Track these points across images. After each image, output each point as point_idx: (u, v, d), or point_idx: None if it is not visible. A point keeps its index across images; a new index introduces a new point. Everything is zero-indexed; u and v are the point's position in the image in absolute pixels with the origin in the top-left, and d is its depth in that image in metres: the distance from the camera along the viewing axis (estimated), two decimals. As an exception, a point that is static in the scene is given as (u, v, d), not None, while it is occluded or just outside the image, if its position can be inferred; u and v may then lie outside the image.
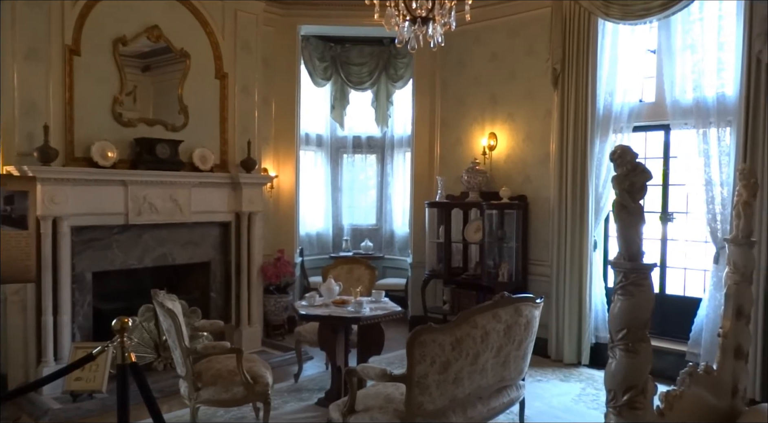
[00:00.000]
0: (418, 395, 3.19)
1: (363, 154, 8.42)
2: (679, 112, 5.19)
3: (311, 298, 4.69)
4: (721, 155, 4.99)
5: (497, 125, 6.52)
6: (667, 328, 5.46)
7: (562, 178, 5.79)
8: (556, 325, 5.83)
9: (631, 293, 1.94)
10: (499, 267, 6.14)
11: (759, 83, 4.71)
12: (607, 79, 5.62)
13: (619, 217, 1.97)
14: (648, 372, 1.98)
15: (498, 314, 3.51)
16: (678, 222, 5.59)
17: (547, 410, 4.57)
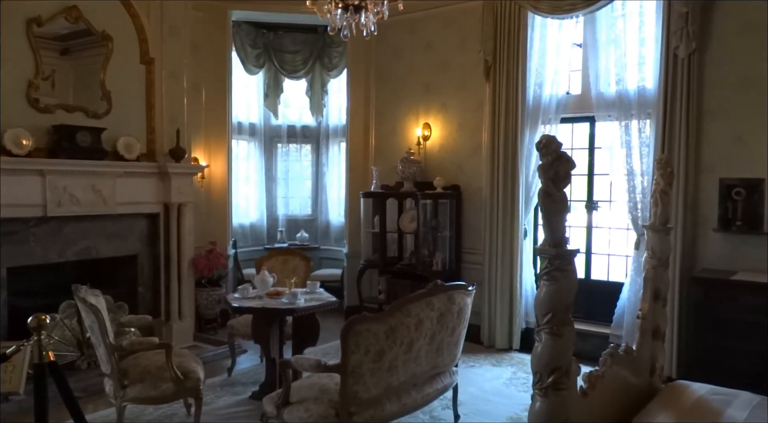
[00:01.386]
0: (353, 385, 3.18)
1: (298, 144, 8.30)
2: (603, 104, 5.40)
3: (244, 290, 4.59)
4: (642, 146, 5.23)
5: (431, 115, 6.59)
6: (593, 312, 5.70)
7: (493, 168, 5.92)
8: (488, 311, 5.97)
9: (555, 278, 2.00)
10: (433, 256, 6.22)
11: (676, 78, 4.96)
12: (536, 72, 5.76)
13: (544, 205, 2.02)
14: (571, 354, 2.05)
15: (431, 302, 3.55)
16: (602, 210, 5.84)
17: (480, 394, 4.68)
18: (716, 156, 4.91)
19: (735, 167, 4.83)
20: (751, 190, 4.75)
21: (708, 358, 4.41)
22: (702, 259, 4.98)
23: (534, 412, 2.06)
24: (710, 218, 4.92)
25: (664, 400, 2.73)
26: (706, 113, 4.95)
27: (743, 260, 4.76)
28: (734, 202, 4.80)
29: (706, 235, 4.96)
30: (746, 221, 4.75)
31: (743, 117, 4.79)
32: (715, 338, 4.38)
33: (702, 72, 4.94)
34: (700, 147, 4.97)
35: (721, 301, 4.38)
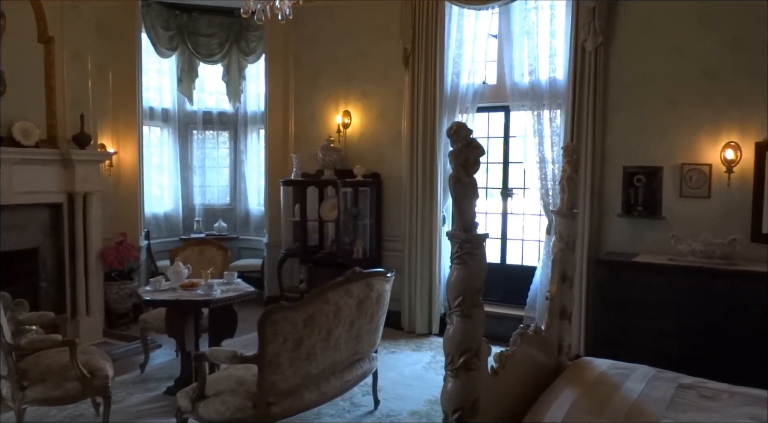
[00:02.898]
0: (271, 375, 3.14)
1: (215, 131, 8.04)
2: (517, 94, 5.57)
3: (157, 282, 4.41)
4: (553, 135, 5.44)
5: (351, 103, 6.56)
6: (508, 296, 5.90)
7: (413, 156, 5.98)
8: (408, 297, 6.06)
9: (466, 262, 2.04)
10: (354, 244, 6.22)
11: (584, 70, 5.19)
12: (454, 61, 5.86)
13: (455, 191, 2.06)
14: (482, 335, 2.11)
15: (350, 290, 3.55)
16: (517, 197, 6.04)
17: (400, 379, 4.75)
18: (620, 145, 5.19)
19: (636, 156, 5.13)
20: (650, 177, 5.06)
21: (612, 335, 4.68)
22: (607, 242, 5.26)
23: (446, 393, 2.10)
24: (614, 204, 5.21)
25: (570, 376, 2.87)
26: (611, 104, 5.21)
27: (644, 243, 5.07)
28: (636, 189, 5.11)
29: (610, 219, 5.24)
30: (646, 206, 5.07)
31: (644, 109, 5.09)
32: (619, 317, 4.65)
33: (607, 65, 5.19)
34: (605, 136, 5.23)
35: (624, 282, 4.65)
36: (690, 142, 4.92)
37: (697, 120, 4.88)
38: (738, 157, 4.69)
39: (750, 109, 4.69)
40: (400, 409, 4.16)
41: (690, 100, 4.90)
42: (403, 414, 4.09)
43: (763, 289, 4.21)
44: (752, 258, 4.60)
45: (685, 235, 4.70)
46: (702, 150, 4.88)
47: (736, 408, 2.55)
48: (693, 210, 4.90)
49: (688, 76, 4.90)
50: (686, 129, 4.93)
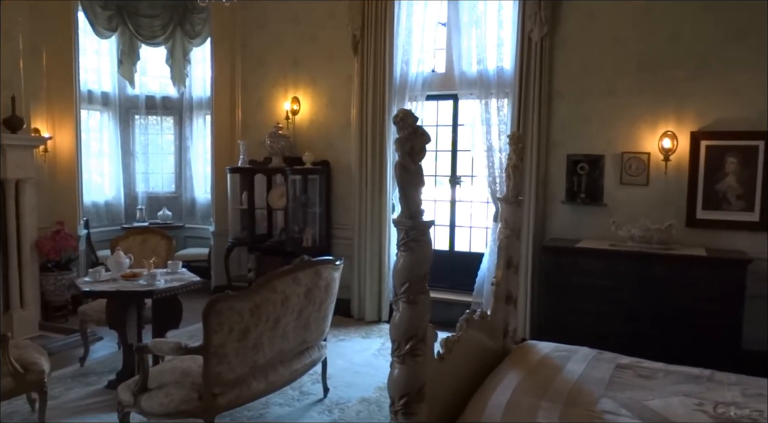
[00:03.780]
0: (216, 365, 3.08)
1: (158, 116, 7.79)
2: (466, 83, 5.61)
3: (96, 273, 4.25)
4: (500, 124, 5.51)
5: (300, 89, 6.46)
6: (456, 282, 5.98)
7: (362, 144, 5.95)
8: (358, 285, 6.06)
9: (411, 249, 2.04)
10: (303, 232, 6.17)
11: (530, 59, 5.27)
12: (403, 49, 5.84)
13: (401, 178, 2.05)
14: (428, 321, 2.12)
15: (298, 278, 3.52)
16: (465, 185, 6.11)
17: (349, 367, 4.75)
18: (564, 134, 5.31)
19: (580, 144, 5.26)
20: (593, 165, 5.21)
21: (556, 319, 4.82)
22: (552, 228, 5.39)
23: (392, 379, 2.10)
24: (559, 191, 5.34)
25: (514, 360, 2.93)
26: (556, 94, 5.32)
27: (587, 229, 5.23)
28: (579, 177, 5.25)
29: (555, 206, 5.37)
30: (589, 193, 5.22)
31: (587, 98, 5.21)
32: (562, 301, 4.78)
33: (552, 55, 5.29)
34: (550, 125, 5.34)
35: (567, 267, 4.78)
36: (630, 131, 5.08)
37: (637, 110, 5.04)
38: (674, 145, 4.88)
39: (685, 100, 4.88)
40: (350, 397, 4.16)
41: (629, 91, 5.06)
42: (352, 401, 4.10)
43: (697, 272, 4.41)
44: (688, 243, 4.81)
45: (625, 221, 4.86)
46: (641, 139, 5.04)
47: (671, 385, 2.67)
48: (632, 197, 5.07)
49: (628, 67, 5.05)
50: (626, 118, 5.09)
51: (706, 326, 4.32)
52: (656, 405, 2.41)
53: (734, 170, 4.77)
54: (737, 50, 4.69)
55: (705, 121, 4.83)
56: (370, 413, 3.93)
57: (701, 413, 2.36)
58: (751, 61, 4.65)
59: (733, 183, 4.78)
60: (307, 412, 3.95)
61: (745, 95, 4.69)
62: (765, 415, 2.35)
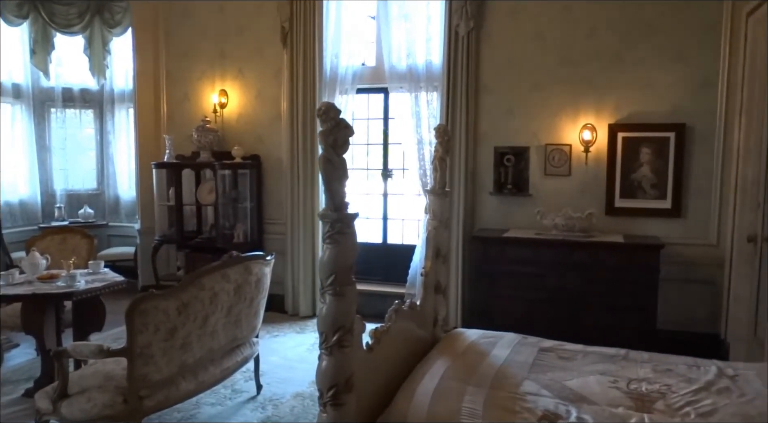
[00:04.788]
0: (142, 367, 2.99)
1: (77, 109, 7.41)
2: (396, 76, 5.64)
3: (9, 276, 4.02)
4: (430, 117, 5.59)
5: (228, 82, 6.32)
6: (390, 274, 6.04)
7: (293, 138, 5.90)
8: (291, 280, 6.01)
9: (337, 241, 2.05)
10: (234, 228, 6.05)
11: (458, 53, 5.37)
12: (332, 42, 5.81)
13: (325, 171, 2.05)
14: (355, 312, 2.14)
15: (227, 274, 3.46)
16: (397, 178, 6.17)
17: (283, 363, 4.71)
18: (491, 126, 5.45)
19: (506, 136, 5.41)
20: (518, 157, 5.38)
21: (485, 306, 4.96)
22: (480, 219, 5.53)
23: (320, 371, 2.11)
24: (487, 182, 5.48)
25: (442, 347, 3.00)
26: (483, 87, 5.45)
27: (513, 219, 5.40)
28: (506, 168, 5.41)
29: (483, 197, 5.51)
30: (515, 184, 5.39)
31: (512, 92, 5.37)
32: (491, 289, 4.93)
33: (479, 49, 5.41)
34: (478, 118, 5.47)
35: (495, 256, 4.93)
36: (553, 123, 5.27)
37: (559, 103, 5.24)
38: (594, 137, 5.10)
39: (603, 94, 5.11)
40: (284, 393, 4.14)
41: (552, 85, 5.25)
42: (286, 397, 4.08)
43: (616, 257, 4.64)
44: (607, 230, 5.06)
45: (550, 210, 5.05)
46: (563, 131, 5.25)
47: (588, 365, 2.81)
48: (556, 187, 5.28)
49: (550, 62, 5.24)
50: (549, 111, 5.28)
51: (623, 308, 4.57)
52: (575, 384, 2.54)
53: (648, 160, 5.04)
54: (649, 47, 4.95)
55: (621, 114, 5.08)
56: (304, 408, 3.92)
57: (615, 390, 2.50)
58: (661, 58, 4.93)
59: (647, 173, 5.06)
60: (240, 410, 3.90)
61: (657, 90, 4.97)
62: (673, 389, 2.52)
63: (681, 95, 4.92)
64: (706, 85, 4.85)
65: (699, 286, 4.94)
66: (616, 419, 2.22)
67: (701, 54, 4.84)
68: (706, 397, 2.43)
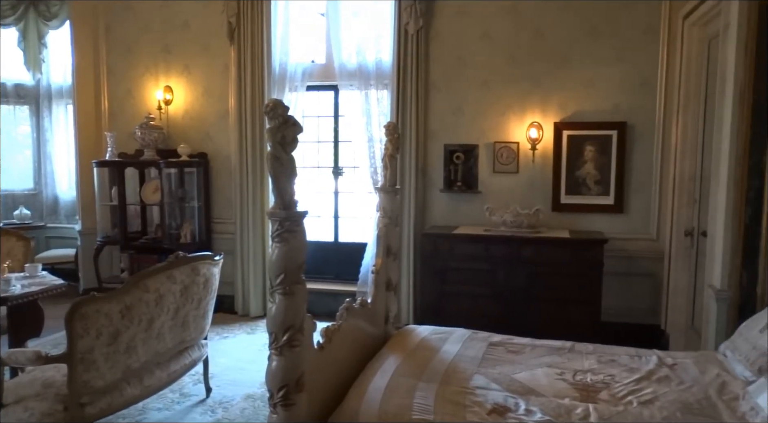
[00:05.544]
0: (83, 373, 2.87)
1: (11, 105, 7.06)
2: (346, 74, 5.63)
3: (-63, 281, 3.80)
4: (380, 115, 5.59)
5: (173, 78, 6.15)
6: (342, 273, 6.02)
7: (241, 135, 5.80)
8: (242, 280, 5.91)
9: (286, 240, 2.02)
10: (181, 228, 5.90)
11: (407, 52, 5.39)
12: (281, 39, 5.74)
13: (273, 169, 2.02)
14: (305, 311, 2.11)
15: (173, 275, 3.36)
16: (348, 175, 6.14)
17: (234, 364, 4.63)
18: (441, 124, 5.50)
19: (456, 134, 5.47)
20: (468, 154, 5.45)
21: (436, 303, 4.99)
22: (431, 216, 5.58)
23: (270, 372, 2.08)
24: (437, 180, 5.53)
25: (394, 344, 3.01)
26: (432, 85, 5.49)
27: (463, 216, 5.46)
28: (455, 166, 5.47)
29: (434, 195, 5.56)
30: (465, 182, 5.46)
31: (461, 90, 5.43)
32: (442, 285, 4.97)
33: (428, 48, 5.45)
34: (427, 116, 5.51)
35: (445, 253, 4.97)
36: (500, 121, 5.36)
37: (506, 101, 5.33)
38: (540, 135, 5.22)
39: (549, 93, 5.23)
40: (234, 395, 4.06)
41: (500, 83, 5.34)
42: (236, 399, 4.00)
43: (562, 252, 4.76)
44: (553, 225, 5.19)
45: (498, 207, 5.14)
46: (511, 129, 5.34)
47: (536, 358, 2.87)
48: (504, 184, 5.37)
49: (498, 61, 5.32)
50: (497, 110, 5.36)
51: (570, 302, 4.69)
52: (523, 377, 2.59)
53: (592, 158, 5.19)
54: (592, 47, 5.10)
55: (566, 113, 5.21)
56: (255, 409, 3.86)
57: (562, 381, 2.56)
58: (604, 58, 5.09)
59: (591, 170, 5.21)
60: (189, 414, 3.80)
61: (600, 89, 5.12)
62: (616, 379, 2.60)
63: (622, 94, 5.08)
64: (645, 85, 5.03)
65: (640, 279, 5.13)
66: (562, 410, 2.28)
67: (641, 55, 5.02)
68: (647, 385, 2.53)
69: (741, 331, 2.80)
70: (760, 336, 2.58)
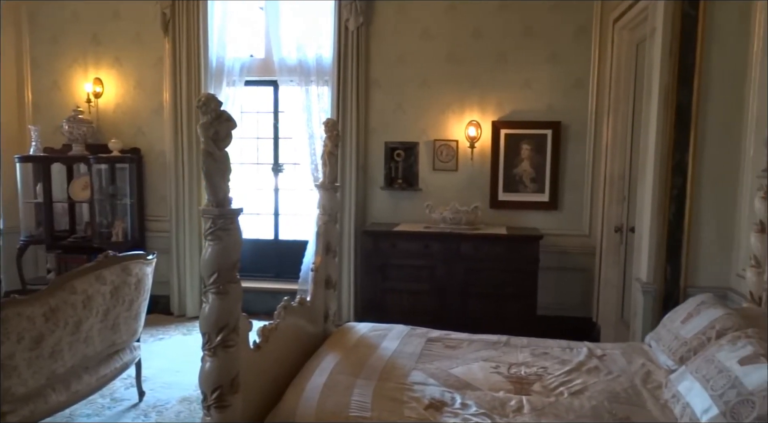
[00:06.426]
0: (4, 380, 2.71)
1: (-77, 96, 6.58)
2: (286, 69, 5.55)
3: None
4: (321, 111, 5.54)
5: (103, 70, 5.89)
6: (283, 271, 5.94)
7: (177, 130, 5.62)
8: (178, 280, 5.74)
9: (219, 238, 1.97)
10: (113, 226, 5.67)
11: (348, 48, 5.37)
12: (219, 32, 5.60)
13: (206, 165, 1.96)
14: (239, 311, 2.07)
15: (102, 275, 3.23)
16: (289, 172, 6.06)
17: (169, 366, 4.49)
18: (381, 122, 5.51)
19: (396, 132, 5.50)
20: (408, 152, 5.49)
21: (377, 300, 5.01)
22: (372, 213, 5.59)
23: (204, 373, 2.03)
24: (378, 177, 5.54)
25: (332, 342, 2.99)
26: (373, 82, 5.49)
27: (404, 213, 5.50)
28: (396, 163, 5.49)
29: (374, 192, 5.57)
30: (405, 179, 5.49)
31: (401, 88, 5.45)
32: (383, 282, 4.98)
33: (369, 45, 5.44)
34: (368, 113, 5.51)
35: (386, 250, 4.99)
36: (440, 119, 5.42)
37: (446, 100, 5.40)
38: (479, 134, 5.31)
39: (487, 92, 5.33)
40: (168, 398, 3.94)
41: (439, 82, 5.39)
42: (171, 402, 3.89)
43: (499, 248, 4.86)
44: (491, 222, 5.30)
45: (438, 204, 5.20)
46: (450, 127, 5.41)
47: (472, 353, 2.92)
48: (444, 181, 5.44)
49: (437, 60, 5.38)
50: (437, 108, 5.42)
51: (507, 296, 4.80)
52: (459, 371, 2.63)
53: (528, 156, 5.33)
54: (528, 48, 5.23)
55: (504, 112, 5.33)
56: (191, 412, 3.76)
57: (497, 375, 2.62)
58: (539, 58, 5.23)
59: (527, 168, 5.34)
60: (120, 419, 3.66)
61: (536, 89, 5.26)
62: (548, 371, 2.68)
63: (557, 95, 5.24)
64: (578, 86, 5.20)
65: (574, 274, 5.31)
66: (496, 403, 2.33)
67: (574, 57, 5.19)
68: (577, 376, 2.61)
69: (664, 323, 2.94)
70: (682, 326, 2.71)
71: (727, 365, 2.08)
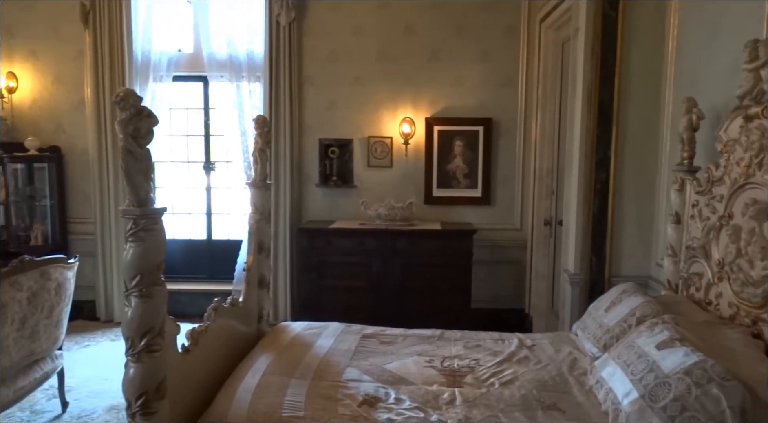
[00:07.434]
0: None
1: None
2: (216, 65, 5.40)
3: None
4: (253, 108, 5.44)
5: (17, 64, 5.55)
6: (216, 272, 5.80)
7: (100, 128, 5.37)
8: (104, 284, 5.50)
9: (142, 239, 1.89)
10: (31, 229, 5.36)
11: (280, 44, 5.29)
12: (144, 25, 5.39)
13: (126, 164, 1.88)
14: (165, 314, 2.00)
15: (18, 281, 3.05)
16: (221, 171, 5.91)
17: (95, 374, 4.29)
18: (315, 118, 5.46)
19: (330, 129, 5.46)
20: (343, 149, 5.47)
21: (313, 298, 4.97)
22: (308, 211, 5.53)
23: (127, 380, 1.95)
24: (313, 174, 5.49)
25: (266, 342, 2.94)
26: (306, 79, 5.44)
27: (340, 210, 5.48)
28: (331, 160, 5.46)
29: (309, 190, 5.52)
30: (341, 176, 5.47)
31: (335, 85, 5.42)
32: (319, 280, 4.95)
33: (301, 41, 5.38)
34: (302, 110, 5.45)
35: (321, 248, 4.95)
36: (374, 116, 5.43)
37: (379, 97, 5.41)
38: (413, 130, 5.35)
39: (420, 88, 5.38)
40: (95, 407, 3.77)
41: (373, 79, 5.40)
42: (98, 412, 3.72)
43: (434, 244, 4.92)
44: (426, 218, 5.35)
45: (373, 200, 5.21)
46: (384, 124, 5.43)
47: (407, 348, 2.94)
48: (379, 178, 5.45)
49: (370, 57, 5.38)
50: (371, 105, 5.42)
51: (442, 291, 4.87)
52: (394, 367, 2.64)
53: (461, 152, 5.42)
54: (458, 45, 5.32)
55: (437, 109, 5.39)
56: (119, 420, 3.61)
57: (431, 368, 2.65)
58: (468, 56, 5.32)
59: (460, 164, 5.43)
60: (41, 432, 3.48)
61: (467, 86, 5.36)
62: (480, 363, 2.73)
63: (487, 92, 5.35)
64: (508, 84, 5.33)
65: (506, 267, 5.45)
66: (430, 396, 2.35)
67: (503, 55, 5.31)
68: (508, 367, 2.68)
69: (590, 311, 3.05)
70: (605, 315, 2.83)
71: (646, 350, 2.18)
